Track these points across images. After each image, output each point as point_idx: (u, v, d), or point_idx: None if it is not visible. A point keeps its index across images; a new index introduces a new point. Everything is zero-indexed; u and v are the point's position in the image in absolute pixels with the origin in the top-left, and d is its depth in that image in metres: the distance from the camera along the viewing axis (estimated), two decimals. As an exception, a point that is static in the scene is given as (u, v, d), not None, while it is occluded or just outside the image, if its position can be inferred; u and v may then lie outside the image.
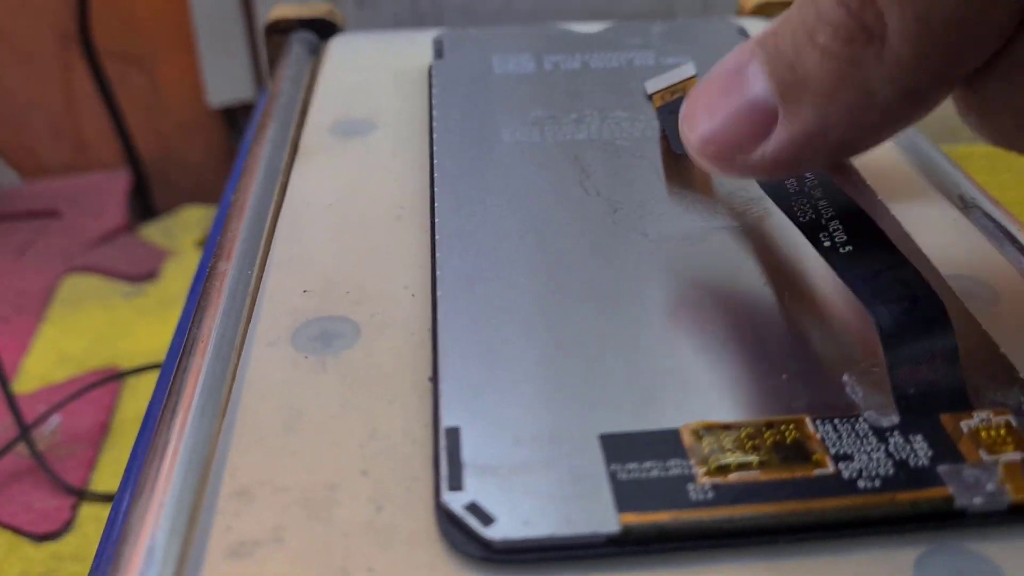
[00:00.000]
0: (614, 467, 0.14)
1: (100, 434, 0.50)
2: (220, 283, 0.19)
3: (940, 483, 0.14)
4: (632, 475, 0.14)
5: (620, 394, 0.15)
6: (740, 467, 0.14)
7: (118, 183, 0.73)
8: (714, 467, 0.14)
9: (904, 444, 0.14)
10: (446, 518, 0.14)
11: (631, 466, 0.14)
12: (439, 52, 0.27)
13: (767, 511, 0.13)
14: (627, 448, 0.14)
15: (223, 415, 0.16)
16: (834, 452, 0.14)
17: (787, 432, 0.14)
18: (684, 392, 0.15)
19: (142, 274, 0.64)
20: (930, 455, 0.14)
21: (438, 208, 0.20)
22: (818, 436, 0.14)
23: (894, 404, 0.15)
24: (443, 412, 0.15)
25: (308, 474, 0.15)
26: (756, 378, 0.16)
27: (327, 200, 0.22)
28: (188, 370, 0.17)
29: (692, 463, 0.14)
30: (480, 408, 0.15)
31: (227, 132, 0.75)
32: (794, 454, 0.14)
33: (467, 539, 0.13)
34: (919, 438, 0.14)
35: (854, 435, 0.14)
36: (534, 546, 0.13)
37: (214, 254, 0.20)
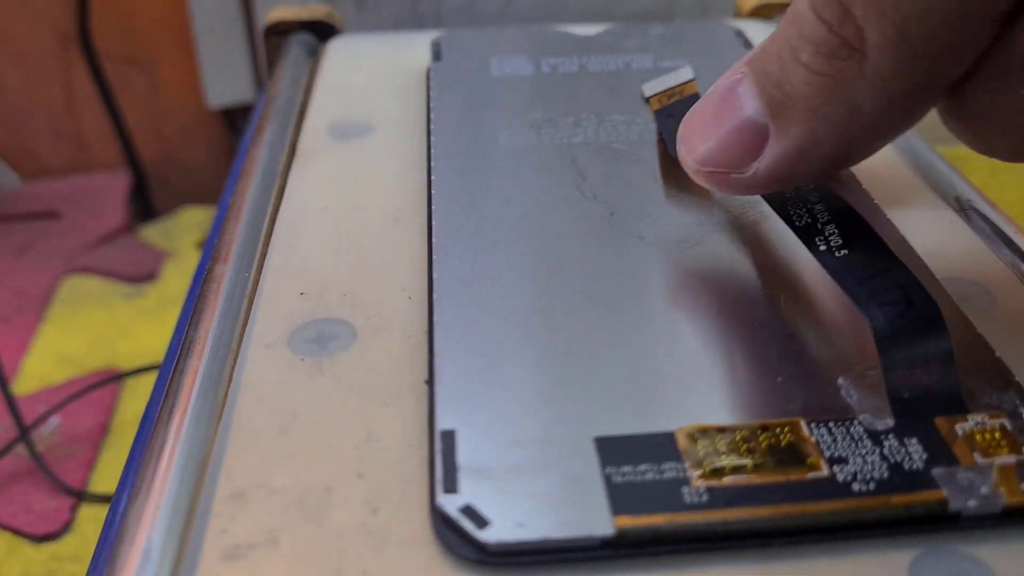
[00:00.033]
0: (609, 470, 0.14)
1: (99, 435, 0.50)
2: (217, 285, 0.19)
3: (934, 486, 0.14)
4: (627, 478, 0.14)
5: (615, 397, 0.15)
6: (735, 470, 0.14)
7: (118, 184, 0.74)
8: (709, 470, 0.14)
9: (899, 447, 0.14)
10: (441, 520, 0.14)
11: (626, 469, 0.14)
12: (437, 54, 0.27)
13: (762, 514, 0.13)
14: (622, 451, 0.14)
15: (219, 417, 0.16)
16: (829, 455, 0.14)
17: (782, 435, 0.14)
18: (679, 395, 0.15)
19: (142, 275, 0.64)
20: (925, 458, 0.14)
21: (435, 211, 0.20)
22: (813, 439, 0.14)
23: (889, 407, 0.15)
24: (439, 415, 0.15)
25: (304, 476, 0.15)
26: (751, 381, 0.16)
27: (324, 203, 0.22)
28: (185, 372, 0.17)
29: (687, 466, 0.14)
30: (476, 411, 0.15)
31: (227, 133, 0.75)
32: (789, 457, 0.14)
33: (462, 542, 0.13)
34: (914, 441, 0.14)
35: (849, 438, 0.14)
36: (529, 549, 0.13)
37: (211, 256, 0.20)
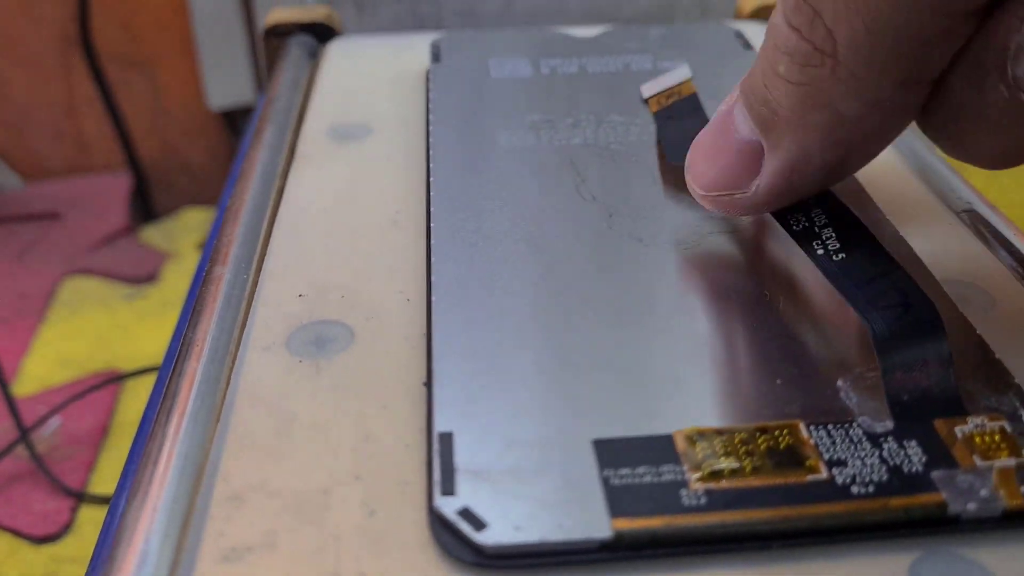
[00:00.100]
0: (607, 472, 0.14)
1: (100, 436, 0.50)
2: (216, 287, 0.19)
3: (934, 489, 0.14)
4: (625, 480, 0.14)
5: (613, 399, 0.15)
6: (733, 473, 0.14)
7: (119, 186, 0.74)
8: (707, 472, 0.14)
9: (898, 450, 0.14)
10: (439, 523, 0.14)
11: (624, 471, 0.14)
12: (436, 56, 0.27)
13: (760, 517, 0.13)
14: (620, 453, 0.14)
15: (217, 419, 0.16)
16: (828, 458, 0.14)
17: (781, 438, 0.14)
18: (678, 397, 0.15)
19: (142, 276, 0.64)
20: (924, 461, 0.14)
21: (434, 212, 0.20)
22: (812, 442, 0.14)
23: (888, 409, 0.15)
24: (436, 417, 0.15)
25: (301, 478, 0.15)
26: (750, 383, 0.16)
27: (323, 204, 0.22)
28: (183, 374, 0.17)
29: (685, 468, 0.14)
30: (474, 413, 0.15)
31: (227, 135, 0.75)
32: (788, 460, 0.14)
33: (459, 544, 0.13)
34: (913, 443, 0.14)
35: (848, 440, 0.14)
36: (526, 551, 0.13)
37: (210, 258, 0.20)
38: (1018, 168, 0.15)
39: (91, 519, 0.45)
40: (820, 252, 0.16)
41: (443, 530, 0.13)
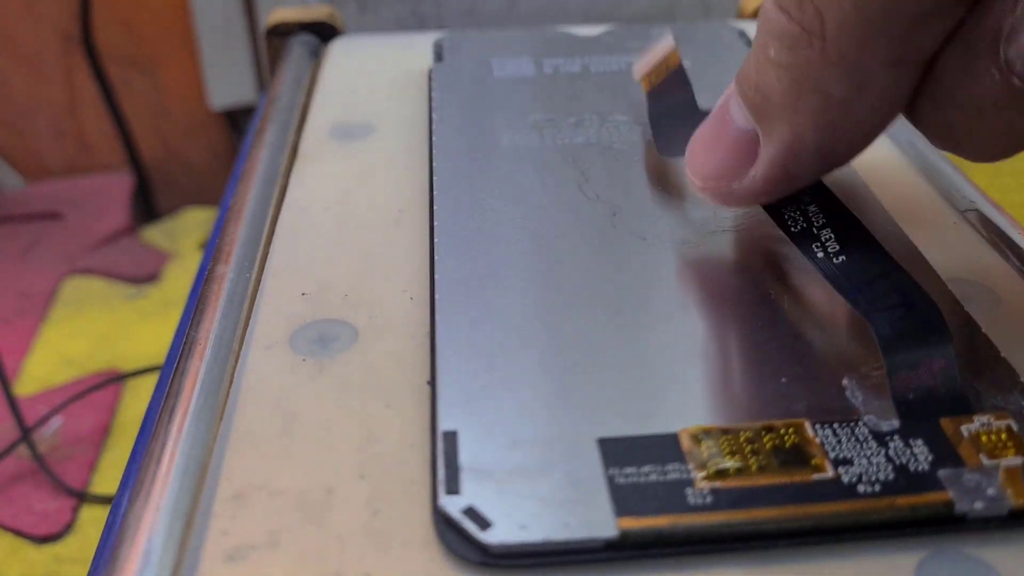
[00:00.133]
0: (612, 471, 0.14)
1: (101, 436, 0.50)
2: (218, 286, 0.19)
3: (940, 488, 0.14)
4: (630, 479, 0.14)
5: (618, 398, 0.15)
6: (739, 471, 0.14)
7: (120, 185, 0.74)
8: (712, 471, 0.14)
9: (904, 448, 0.14)
10: (443, 522, 0.13)
11: (629, 470, 0.14)
12: (439, 55, 0.27)
13: (766, 516, 0.13)
14: (625, 452, 0.14)
15: (220, 418, 0.16)
16: (833, 456, 0.14)
17: (786, 436, 0.14)
18: (683, 396, 0.15)
19: (144, 276, 0.64)
20: (930, 459, 0.14)
21: (437, 211, 0.20)
22: (817, 440, 0.14)
23: (894, 408, 0.15)
24: (441, 415, 0.15)
25: (305, 477, 0.15)
26: (755, 382, 0.16)
27: (326, 203, 0.22)
28: (186, 373, 0.17)
29: (690, 467, 0.14)
30: (478, 412, 0.15)
31: (229, 134, 0.75)
32: (793, 458, 0.14)
33: (464, 543, 0.13)
34: (919, 442, 0.14)
35: (854, 439, 0.14)
36: (531, 551, 0.13)
37: (212, 257, 0.20)
38: (1020, 169, 0.15)
39: (92, 519, 0.45)
40: (819, 255, 0.16)
41: (448, 529, 0.13)
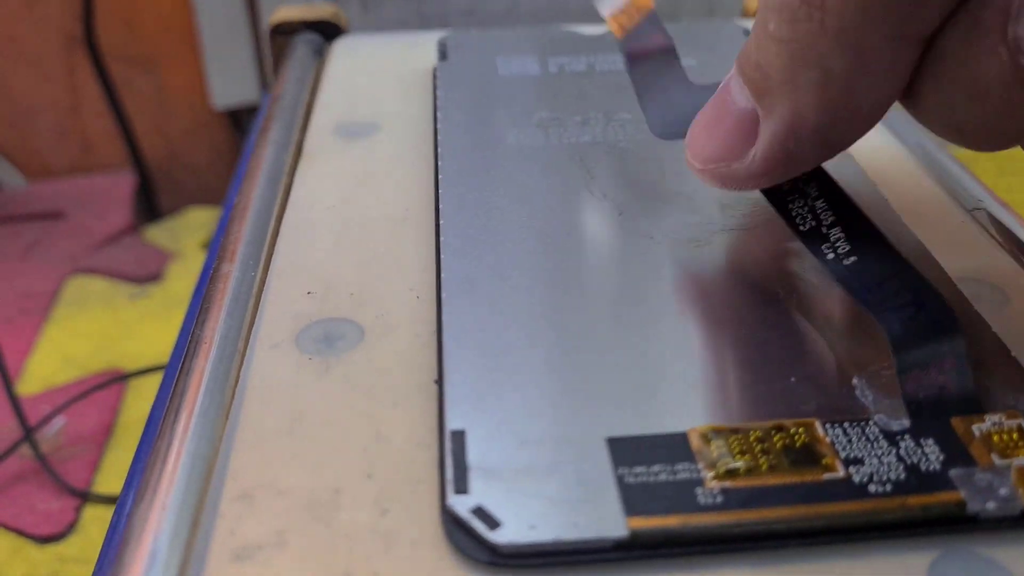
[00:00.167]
0: (621, 470, 0.14)
1: (104, 436, 0.50)
2: (223, 285, 0.19)
3: (952, 487, 0.13)
4: (640, 479, 0.14)
5: (627, 397, 0.15)
6: (749, 471, 0.14)
7: (123, 185, 0.74)
8: (723, 471, 0.14)
9: (915, 448, 0.14)
10: (452, 522, 0.13)
11: (639, 470, 0.14)
12: (443, 54, 0.27)
13: (776, 516, 0.13)
14: (634, 451, 0.14)
15: (226, 417, 0.16)
16: (844, 456, 0.14)
17: (797, 436, 0.14)
18: (692, 395, 0.15)
19: (147, 276, 0.64)
20: (942, 459, 0.14)
21: (443, 210, 0.20)
22: (828, 440, 0.14)
23: (905, 407, 0.15)
24: (448, 414, 0.15)
25: (312, 477, 0.14)
26: (765, 381, 0.16)
27: (330, 202, 0.22)
28: (191, 372, 0.17)
29: (700, 467, 0.14)
30: (486, 411, 0.15)
31: (232, 134, 0.75)
32: (804, 458, 0.14)
33: (473, 543, 0.13)
34: (930, 442, 0.14)
35: (864, 439, 0.14)
36: (540, 551, 0.13)
37: (217, 256, 0.20)
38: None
39: (95, 519, 0.45)
40: (830, 256, 0.16)
41: (456, 529, 0.13)
